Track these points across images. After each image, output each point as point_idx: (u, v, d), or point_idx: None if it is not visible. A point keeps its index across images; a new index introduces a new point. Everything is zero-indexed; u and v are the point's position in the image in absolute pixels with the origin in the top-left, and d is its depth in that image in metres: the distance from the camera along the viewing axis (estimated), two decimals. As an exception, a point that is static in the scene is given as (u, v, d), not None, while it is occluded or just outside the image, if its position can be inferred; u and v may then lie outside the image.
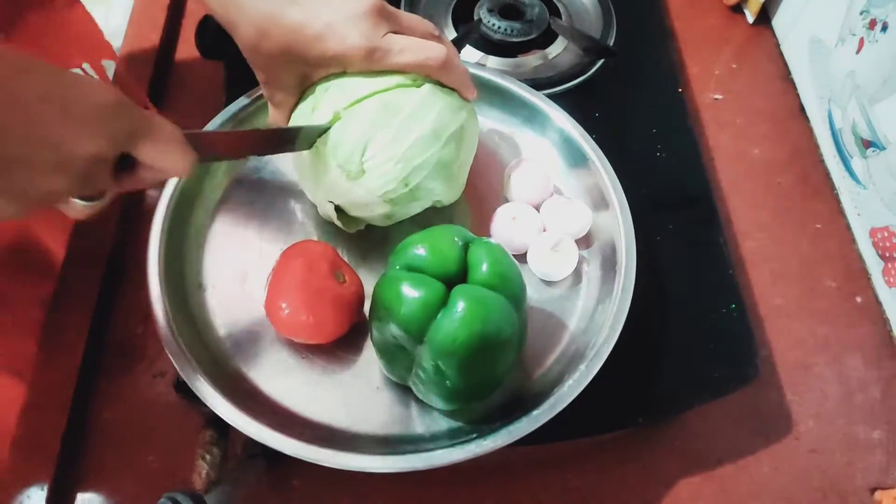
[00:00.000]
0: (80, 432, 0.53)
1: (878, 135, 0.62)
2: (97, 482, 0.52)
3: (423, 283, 0.43)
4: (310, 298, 0.48)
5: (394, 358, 0.46)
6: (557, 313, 0.54)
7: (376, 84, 0.48)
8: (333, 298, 0.48)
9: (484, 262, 0.44)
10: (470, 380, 0.44)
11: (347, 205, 0.51)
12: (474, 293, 0.42)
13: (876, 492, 0.56)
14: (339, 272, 0.50)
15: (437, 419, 0.49)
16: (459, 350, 0.42)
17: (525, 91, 0.61)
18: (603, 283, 0.55)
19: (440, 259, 0.44)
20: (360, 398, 0.50)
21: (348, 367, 0.51)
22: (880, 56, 0.62)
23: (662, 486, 0.55)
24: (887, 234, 0.62)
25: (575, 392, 0.46)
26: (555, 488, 0.54)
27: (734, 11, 0.83)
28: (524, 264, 0.55)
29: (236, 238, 0.56)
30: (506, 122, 0.63)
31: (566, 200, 0.57)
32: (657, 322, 0.57)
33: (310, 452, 0.44)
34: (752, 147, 0.73)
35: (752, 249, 0.67)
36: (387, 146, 0.48)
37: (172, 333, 0.48)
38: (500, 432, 0.45)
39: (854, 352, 0.62)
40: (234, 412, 0.45)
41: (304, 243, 0.52)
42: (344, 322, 0.50)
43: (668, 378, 0.55)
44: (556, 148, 0.61)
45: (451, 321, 0.41)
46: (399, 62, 0.48)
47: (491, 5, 0.72)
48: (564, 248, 0.54)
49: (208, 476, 0.48)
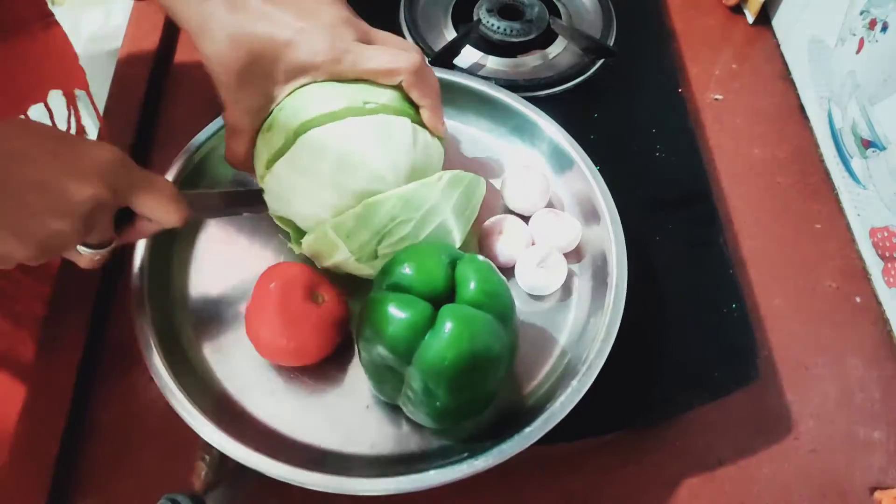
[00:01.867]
0: (78, 434, 0.53)
1: (878, 135, 0.62)
2: (96, 483, 0.51)
3: (409, 304, 0.42)
4: (287, 323, 0.47)
5: (382, 378, 0.46)
6: (548, 327, 0.54)
7: (325, 104, 0.47)
8: (312, 321, 0.48)
9: (471, 279, 0.44)
10: (460, 399, 0.44)
11: (339, 266, 0.51)
12: (462, 313, 0.42)
13: (876, 492, 0.56)
14: (317, 293, 0.49)
15: (429, 438, 0.49)
16: (448, 370, 0.41)
17: (515, 101, 0.61)
18: (594, 296, 0.54)
19: (427, 278, 0.43)
20: (350, 418, 0.49)
21: (337, 386, 0.51)
22: (880, 56, 0.62)
23: (663, 487, 0.55)
24: (887, 234, 0.62)
25: (567, 409, 0.46)
26: (555, 489, 0.54)
27: (734, 11, 0.83)
28: (512, 279, 0.55)
29: (222, 256, 0.55)
30: (494, 132, 0.62)
31: (555, 213, 0.57)
32: (657, 322, 0.57)
33: (300, 477, 0.44)
34: (752, 147, 0.73)
35: (752, 249, 0.67)
36: (404, 238, 0.48)
37: (161, 360, 0.47)
38: (492, 451, 0.45)
39: (854, 352, 0.62)
40: (222, 437, 0.45)
41: (280, 266, 0.50)
42: (326, 343, 0.49)
43: (667, 378, 0.55)
44: (545, 158, 0.61)
45: (438, 342, 0.41)
46: (370, 67, 0.47)
47: (490, 5, 0.72)
48: (552, 263, 0.53)
49: (207, 477, 0.48)
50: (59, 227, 0.37)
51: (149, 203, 0.42)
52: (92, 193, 0.38)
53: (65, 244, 0.39)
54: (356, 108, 0.47)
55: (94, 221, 0.39)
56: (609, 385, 0.48)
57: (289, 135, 0.47)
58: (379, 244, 0.48)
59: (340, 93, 0.47)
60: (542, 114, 0.60)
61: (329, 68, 0.47)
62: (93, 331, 0.56)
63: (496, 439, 0.45)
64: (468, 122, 0.63)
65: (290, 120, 0.47)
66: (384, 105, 0.48)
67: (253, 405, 0.49)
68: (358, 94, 0.47)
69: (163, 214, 0.43)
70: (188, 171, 0.56)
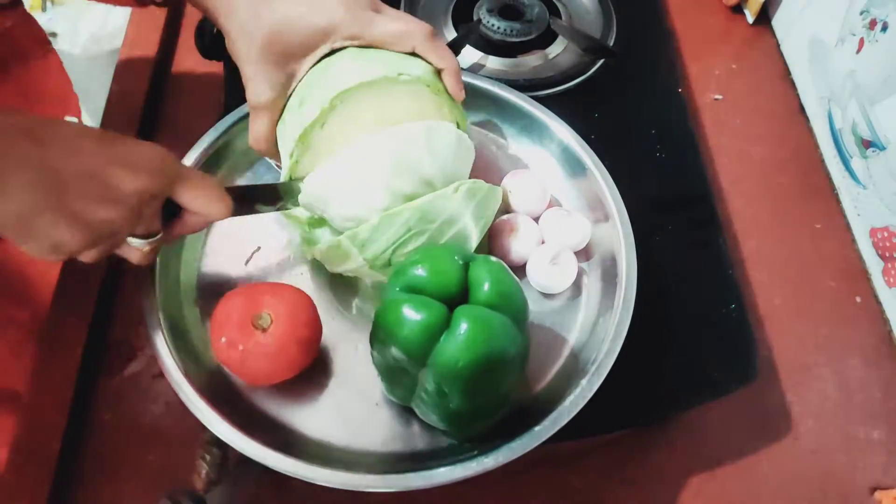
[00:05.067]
0: (79, 432, 0.53)
1: (878, 135, 0.62)
2: (97, 482, 0.52)
3: (424, 306, 0.42)
4: (238, 357, 0.46)
5: (395, 380, 0.46)
6: (557, 326, 0.54)
7: (362, 74, 0.47)
8: (263, 350, 0.45)
9: (485, 281, 0.43)
10: (474, 402, 0.43)
11: (350, 272, 0.51)
12: (477, 314, 0.42)
13: (876, 492, 0.56)
14: (262, 315, 0.46)
15: (437, 436, 0.49)
16: (463, 373, 0.41)
17: (524, 101, 0.61)
18: (603, 295, 0.54)
19: (441, 279, 0.43)
20: (359, 414, 0.49)
21: (347, 382, 0.50)
22: (880, 56, 0.62)
23: (663, 486, 0.55)
24: (887, 234, 0.62)
25: (576, 408, 0.46)
26: (556, 488, 0.54)
27: (734, 11, 0.83)
28: (522, 277, 0.55)
29: (233, 253, 0.55)
30: (504, 132, 0.62)
31: (565, 213, 0.57)
32: (657, 322, 0.57)
33: (309, 472, 0.44)
34: (752, 147, 0.73)
35: (752, 249, 0.67)
36: (419, 248, 0.48)
37: (171, 356, 0.47)
38: (502, 449, 0.44)
39: (854, 352, 0.62)
40: (232, 432, 0.45)
41: (221, 302, 0.47)
42: (290, 362, 0.47)
43: (668, 378, 0.55)
44: (555, 158, 0.60)
45: (454, 344, 0.41)
46: (385, 29, 0.48)
47: (490, 5, 0.72)
48: (563, 261, 0.53)
49: (208, 476, 0.48)
50: (109, 216, 0.39)
51: (195, 195, 0.44)
52: (140, 184, 0.40)
53: (114, 232, 0.41)
54: (392, 77, 0.47)
55: (142, 212, 0.41)
56: (610, 384, 0.48)
57: (324, 105, 0.47)
58: (393, 253, 0.48)
59: (373, 62, 0.48)
60: (552, 114, 0.60)
61: (346, 31, 0.48)
62: (93, 330, 0.56)
63: (505, 437, 0.45)
64: (478, 122, 0.63)
65: (324, 90, 0.47)
66: (418, 77, 0.48)
67: (261, 400, 0.49)
68: (391, 65, 0.48)
69: (208, 207, 0.45)
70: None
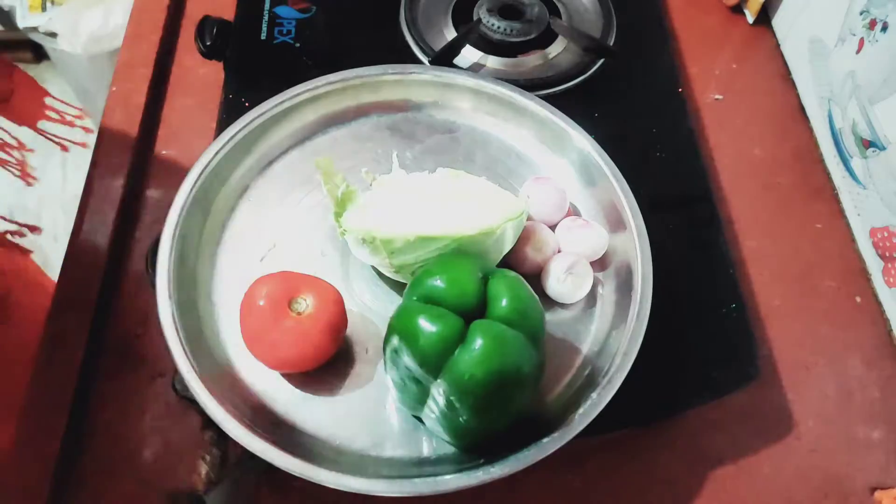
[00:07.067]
0: (79, 433, 0.53)
1: (878, 135, 0.62)
2: (97, 483, 0.51)
3: (440, 318, 0.42)
4: (269, 340, 0.46)
5: (406, 389, 0.46)
6: (570, 336, 0.53)
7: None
8: (296, 333, 0.46)
9: (504, 296, 0.43)
10: (484, 418, 0.43)
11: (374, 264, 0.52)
12: (493, 330, 0.41)
13: (876, 492, 0.56)
14: (298, 300, 0.47)
15: (444, 443, 0.48)
16: (475, 388, 0.41)
17: (544, 108, 0.60)
18: (618, 306, 0.54)
19: (459, 291, 0.43)
20: (366, 416, 0.49)
21: (356, 385, 0.50)
22: (880, 56, 0.62)
23: (663, 486, 0.55)
24: (887, 234, 0.62)
25: (585, 421, 0.45)
26: (555, 488, 0.54)
27: (734, 11, 0.83)
28: (538, 285, 0.54)
29: (248, 250, 0.55)
30: (522, 140, 0.62)
31: (583, 222, 0.56)
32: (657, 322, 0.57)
33: (314, 473, 0.43)
34: (752, 147, 0.73)
35: (752, 249, 0.67)
36: (439, 257, 0.49)
37: (184, 352, 0.47)
38: (509, 459, 0.44)
39: (854, 352, 0.62)
40: (240, 429, 0.44)
41: (256, 283, 0.48)
42: (318, 351, 0.48)
43: (668, 378, 0.55)
44: (573, 167, 0.60)
45: (468, 358, 0.41)
46: None
47: (490, 5, 0.72)
48: (579, 271, 0.53)
49: (208, 476, 0.48)
50: None
51: None
52: None
53: None
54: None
55: None
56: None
57: None
58: (421, 268, 0.48)
59: None
60: (571, 122, 0.59)
61: None
62: (93, 330, 0.56)
63: (513, 447, 0.45)
64: (495, 128, 0.62)
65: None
66: None
67: (270, 399, 0.49)
68: None
69: None
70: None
